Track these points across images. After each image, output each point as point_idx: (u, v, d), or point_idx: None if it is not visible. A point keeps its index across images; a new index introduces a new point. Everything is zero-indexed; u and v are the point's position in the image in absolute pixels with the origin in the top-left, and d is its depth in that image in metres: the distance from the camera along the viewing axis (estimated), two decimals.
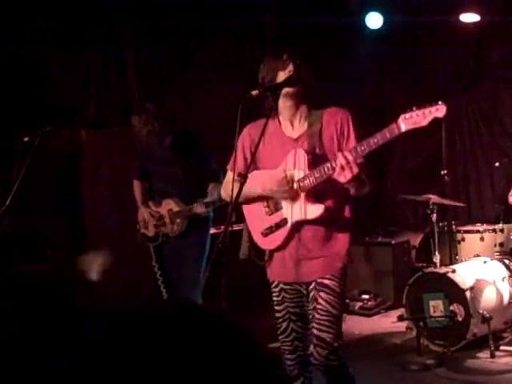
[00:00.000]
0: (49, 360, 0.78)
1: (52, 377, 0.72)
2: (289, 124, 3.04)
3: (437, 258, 5.20)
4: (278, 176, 2.97)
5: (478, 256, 5.32)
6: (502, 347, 4.78)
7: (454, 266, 5.00)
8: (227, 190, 3.03)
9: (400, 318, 5.23)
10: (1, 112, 5.64)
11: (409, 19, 6.94)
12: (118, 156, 6.10)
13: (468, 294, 4.67)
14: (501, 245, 5.34)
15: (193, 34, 6.85)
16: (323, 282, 2.95)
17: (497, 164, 5.98)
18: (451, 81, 7.34)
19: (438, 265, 5.16)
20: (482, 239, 5.52)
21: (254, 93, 2.83)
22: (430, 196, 5.32)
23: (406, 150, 7.66)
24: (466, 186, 7.22)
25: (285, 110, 3.02)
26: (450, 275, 4.80)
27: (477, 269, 4.98)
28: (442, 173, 5.63)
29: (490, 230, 5.50)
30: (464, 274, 4.86)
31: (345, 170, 2.70)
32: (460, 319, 4.69)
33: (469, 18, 6.69)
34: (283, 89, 2.92)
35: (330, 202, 2.95)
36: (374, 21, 6.99)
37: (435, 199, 5.29)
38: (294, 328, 3.05)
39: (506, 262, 5.11)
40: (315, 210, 2.91)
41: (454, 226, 5.64)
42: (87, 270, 4.63)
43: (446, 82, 7.36)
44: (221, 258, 2.78)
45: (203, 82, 6.71)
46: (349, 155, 2.70)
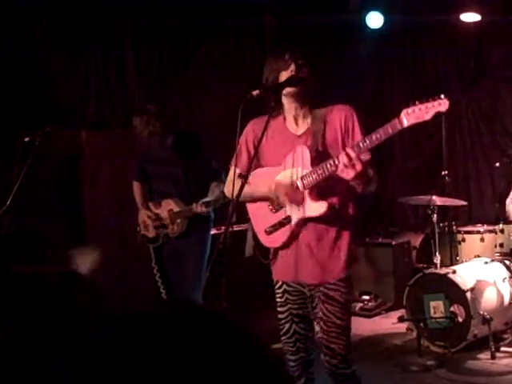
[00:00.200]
0: (53, 360, 0.78)
1: (56, 377, 0.71)
2: (293, 121, 3.03)
3: (437, 259, 5.20)
4: (284, 181, 2.96)
5: (479, 257, 5.31)
6: (502, 348, 4.77)
7: (454, 267, 5.00)
8: (230, 187, 3.01)
9: (400, 319, 5.23)
10: (1, 112, 5.64)
11: (409, 19, 6.93)
12: (119, 157, 6.09)
13: (468, 294, 4.67)
14: (501, 245, 5.33)
15: (193, 34, 6.84)
16: (328, 293, 2.93)
17: (497, 164, 5.97)
18: (452, 80, 7.34)
19: (439, 266, 5.16)
20: (482, 240, 5.51)
21: (255, 93, 2.81)
22: (430, 197, 5.31)
23: (407, 150, 7.66)
24: (467, 186, 7.21)
25: (289, 109, 3.02)
26: (451, 276, 4.79)
27: (477, 270, 4.98)
28: (442, 173, 5.62)
29: (490, 231, 5.50)
30: (464, 274, 4.86)
31: (348, 167, 2.68)
32: (460, 320, 4.68)
33: (469, 17, 6.69)
34: (285, 88, 2.92)
35: (334, 200, 2.93)
36: (375, 20, 6.99)
37: (436, 200, 5.28)
38: (297, 329, 3.05)
39: (507, 262, 5.11)
40: (318, 208, 2.89)
41: (454, 227, 5.64)
42: (77, 265, 4.59)
43: (446, 81, 7.35)
44: (221, 258, 2.77)
45: (203, 82, 6.70)
46: (351, 152, 2.68)
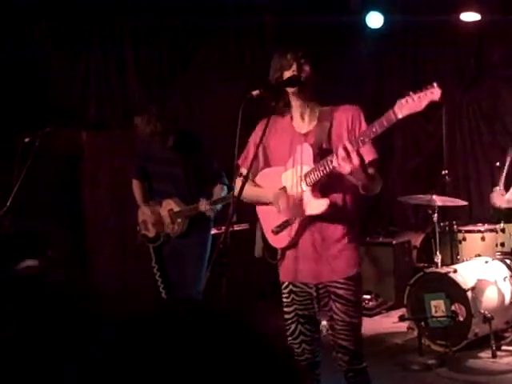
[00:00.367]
0: (55, 360, 0.78)
1: (58, 377, 0.72)
2: (300, 120, 3.03)
3: (438, 258, 5.19)
4: (286, 185, 2.98)
5: (480, 256, 5.31)
6: (503, 347, 4.77)
7: (455, 266, 4.99)
8: (248, 188, 3.08)
9: (401, 318, 5.23)
10: (1, 112, 5.64)
11: (409, 18, 6.93)
12: (119, 157, 6.09)
13: (469, 293, 4.66)
14: (502, 245, 5.32)
15: (193, 33, 6.85)
16: (337, 292, 2.91)
17: (497, 163, 5.96)
18: (452, 80, 7.33)
19: (440, 265, 5.15)
20: (483, 239, 5.51)
21: (255, 93, 2.80)
22: (430, 196, 5.31)
23: (407, 150, 7.66)
24: (467, 185, 7.21)
25: (295, 107, 3.02)
26: (452, 275, 4.79)
27: (478, 269, 4.98)
28: (442, 173, 5.62)
29: (491, 230, 5.49)
30: (465, 273, 4.85)
31: (345, 161, 2.66)
32: (461, 319, 4.68)
33: (469, 17, 6.69)
34: (286, 88, 2.92)
35: (337, 198, 2.91)
36: (375, 20, 6.98)
37: (436, 199, 5.28)
38: (302, 330, 3.02)
39: (508, 261, 5.10)
40: (319, 206, 2.87)
41: (455, 226, 5.63)
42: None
43: (446, 81, 7.34)
44: (222, 258, 2.77)
45: (203, 82, 6.70)
46: (349, 145, 2.66)
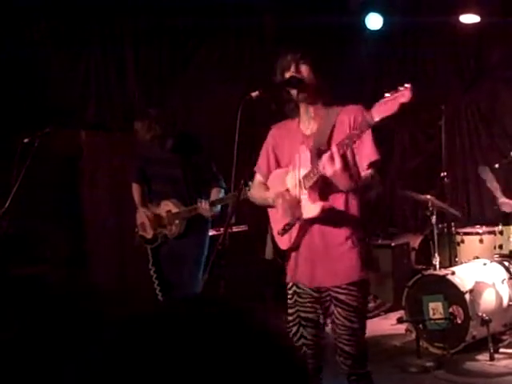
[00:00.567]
0: (55, 360, 0.78)
1: (59, 377, 0.72)
2: (306, 122, 3.02)
3: (436, 260, 5.20)
4: (286, 188, 2.98)
5: (478, 258, 5.30)
6: (501, 350, 4.77)
7: (453, 268, 5.00)
8: (252, 192, 3.22)
9: (399, 320, 5.23)
10: (0, 113, 5.63)
11: (409, 20, 6.94)
12: (118, 158, 6.09)
13: (467, 296, 4.67)
14: (500, 247, 5.33)
15: (192, 34, 6.84)
16: (338, 297, 2.88)
17: (496, 165, 5.97)
18: (451, 81, 7.34)
19: (438, 267, 5.16)
20: (481, 241, 5.52)
21: (254, 94, 2.80)
22: (428, 197, 5.31)
23: (406, 151, 7.66)
24: (466, 187, 7.22)
25: (302, 109, 3.01)
26: (450, 277, 4.79)
27: (476, 271, 4.98)
28: (441, 174, 5.63)
29: (489, 232, 5.50)
30: (463, 276, 4.86)
31: (328, 164, 2.63)
32: (459, 321, 4.68)
33: (468, 18, 6.70)
34: (289, 90, 2.91)
35: (338, 202, 2.88)
36: (374, 21, 6.98)
37: (434, 202, 5.28)
38: (304, 334, 2.98)
39: (506, 264, 5.10)
40: (313, 209, 2.85)
41: (453, 228, 5.64)
42: None
43: (445, 82, 7.35)
44: (220, 259, 2.77)
45: (203, 82, 6.70)
46: (334, 148, 2.64)
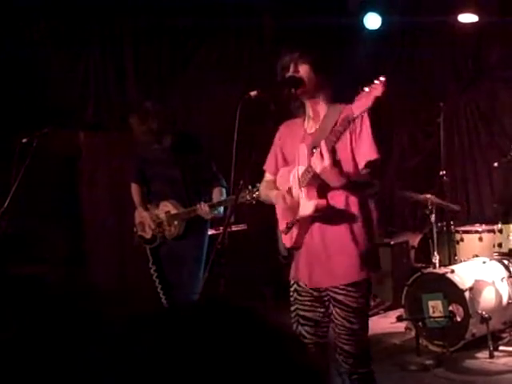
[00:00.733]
0: (63, 360, 0.79)
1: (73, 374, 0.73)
2: (309, 120, 3.02)
3: (436, 259, 5.20)
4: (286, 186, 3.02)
5: (477, 256, 5.31)
6: (500, 347, 4.77)
7: (452, 267, 5.00)
8: (260, 188, 3.29)
9: (399, 319, 5.23)
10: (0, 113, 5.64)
11: (407, 20, 6.94)
12: (117, 158, 6.09)
13: (467, 294, 4.67)
14: (499, 245, 5.33)
15: (192, 34, 6.85)
16: (336, 297, 2.87)
17: (495, 164, 5.97)
18: (450, 81, 7.35)
19: (437, 265, 5.16)
20: (480, 239, 5.52)
21: (253, 94, 2.81)
22: (428, 196, 5.32)
23: (405, 150, 7.66)
24: (465, 186, 7.22)
25: (307, 107, 3.01)
26: (449, 275, 4.80)
27: (476, 269, 4.98)
28: (440, 173, 5.64)
29: (488, 231, 5.50)
30: (463, 274, 4.86)
31: (317, 160, 2.67)
32: (459, 319, 4.69)
33: (467, 18, 6.70)
34: (285, 89, 2.91)
35: (337, 202, 2.86)
36: (373, 21, 6.98)
37: (433, 200, 5.29)
38: (302, 332, 2.95)
39: (505, 262, 5.10)
40: (308, 207, 2.84)
41: (452, 227, 5.64)
42: None
43: (444, 82, 7.36)
44: (220, 258, 2.78)
45: (202, 82, 6.70)
46: (322, 144, 2.66)
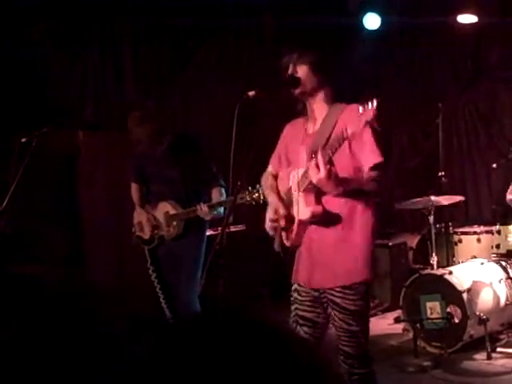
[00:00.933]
0: (62, 360, 0.79)
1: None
2: (310, 121, 3.01)
3: (434, 260, 5.20)
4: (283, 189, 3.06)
5: (475, 258, 5.32)
6: (498, 349, 4.77)
7: (450, 268, 5.00)
8: (262, 182, 3.31)
9: (397, 320, 5.24)
10: None
11: (406, 20, 6.95)
12: (116, 157, 6.08)
13: (465, 295, 4.67)
14: (497, 246, 5.34)
15: (192, 34, 6.84)
16: (334, 300, 2.85)
17: (494, 165, 5.98)
18: (449, 81, 7.35)
19: (435, 266, 5.16)
20: (478, 241, 5.52)
21: (251, 93, 2.82)
22: (427, 198, 5.31)
23: (404, 150, 7.66)
24: (464, 186, 7.22)
25: (307, 107, 3.00)
26: (447, 277, 4.80)
27: (474, 270, 4.99)
28: (439, 174, 5.64)
29: (487, 232, 5.51)
30: (461, 275, 4.86)
31: (313, 171, 2.65)
32: (457, 321, 4.69)
33: (466, 19, 6.70)
34: (285, 89, 2.91)
35: (334, 206, 2.85)
36: (372, 21, 6.98)
37: (434, 200, 5.28)
38: (300, 332, 2.92)
39: (503, 263, 5.11)
40: (305, 213, 2.85)
41: (451, 228, 5.65)
42: None
43: (443, 82, 7.36)
44: (218, 259, 2.78)
45: (202, 82, 6.70)
46: (319, 156, 2.64)
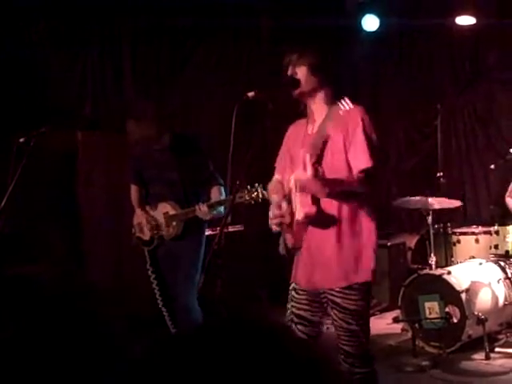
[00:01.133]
0: (61, 360, 0.80)
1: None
2: (310, 120, 3.01)
3: (432, 260, 5.22)
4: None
5: (474, 258, 5.33)
6: (496, 349, 4.78)
7: (449, 268, 5.01)
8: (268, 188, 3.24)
9: (395, 320, 5.24)
10: None
11: (405, 22, 6.96)
12: (114, 157, 6.08)
13: (463, 295, 4.68)
14: (496, 247, 5.34)
15: (191, 34, 6.85)
16: (334, 300, 2.85)
17: (492, 166, 5.99)
18: (447, 83, 7.36)
19: (434, 266, 5.17)
20: (477, 241, 5.53)
21: (250, 94, 2.82)
22: (425, 199, 5.32)
23: (402, 151, 7.67)
24: (462, 187, 7.23)
25: (308, 109, 3.01)
26: (446, 277, 4.80)
27: (472, 271, 5.00)
28: (437, 175, 5.65)
29: (485, 232, 5.51)
30: (459, 275, 4.87)
31: (301, 171, 2.68)
32: (455, 321, 4.69)
33: (465, 20, 6.71)
34: (284, 89, 2.92)
35: (332, 207, 2.84)
36: (371, 23, 6.99)
37: (431, 201, 5.29)
38: (296, 331, 2.90)
39: (502, 263, 5.12)
40: (300, 213, 2.86)
41: (449, 228, 5.66)
42: None
43: (442, 84, 7.37)
44: (216, 259, 2.79)
45: (201, 82, 6.71)
46: (307, 156, 2.66)
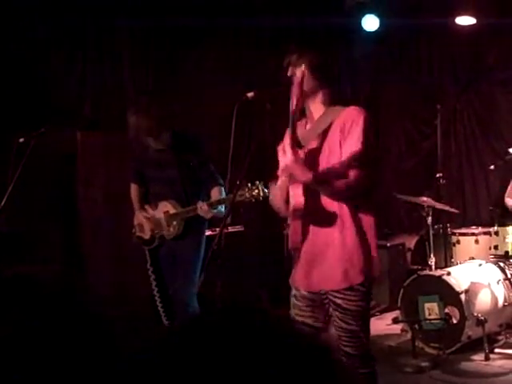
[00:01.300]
0: (60, 360, 0.80)
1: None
2: (310, 121, 3.01)
3: (432, 261, 5.22)
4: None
5: (473, 259, 5.33)
6: (496, 350, 4.78)
7: (449, 269, 5.01)
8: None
9: (395, 321, 5.24)
10: None
11: (405, 22, 6.95)
12: (114, 157, 6.08)
13: (463, 296, 4.68)
14: (496, 247, 5.34)
15: (191, 33, 6.84)
16: (335, 301, 2.85)
17: (492, 167, 5.99)
18: (447, 83, 7.36)
19: (433, 267, 5.18)
20: (476, 242, 5.53)
21: (250, 95, 2.83)
22: (424, 198, 5.33)
23: (402, 151, 7.67)
24: (461, 188, 7.23)
25: (306, 109, 3.00)
26: (445, 278, 4.80)
27: (472, 271, 4.99)
28: (437, 175, 5.65)
29: (485, 233, 5.52)
30: (459, 276, 4.87)
31: (282, 157, 2.71)
32: (455, 322, 4.69)
33: (465, 20, 6.71)
34: (284, 90, 2.91)
35: (330, 206, 2.84)
36: (370, 23, 6.99)
37: (429, 202, 5.30)
38: None
39: (501, 264, 5.12)
40: (291, 205, 2.86)
41: (449, 229, 5.66)
42: None
43: (441, 84, 7.37)
44: (216, 259, 2.78)
45: (201, 82, 6.70)
46: (286, 142, 2.70)
